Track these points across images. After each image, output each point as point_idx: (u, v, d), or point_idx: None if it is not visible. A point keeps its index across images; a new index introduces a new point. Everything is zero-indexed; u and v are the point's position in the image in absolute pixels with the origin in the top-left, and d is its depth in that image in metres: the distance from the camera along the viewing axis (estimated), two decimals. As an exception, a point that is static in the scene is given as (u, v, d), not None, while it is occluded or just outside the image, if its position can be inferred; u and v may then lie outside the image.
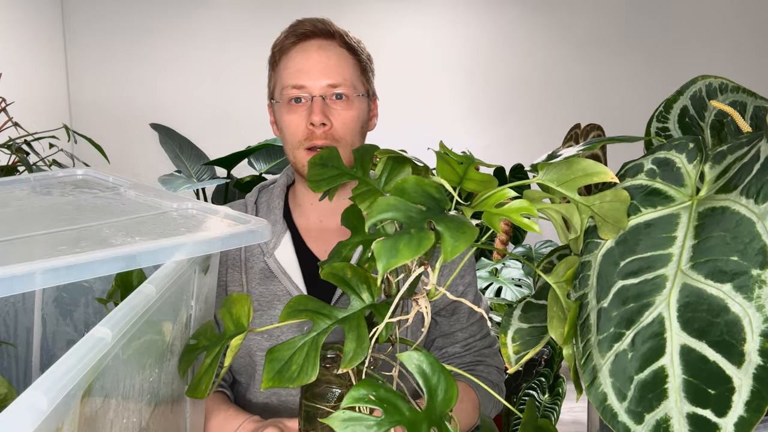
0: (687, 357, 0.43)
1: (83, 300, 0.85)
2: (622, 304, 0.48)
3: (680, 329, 0.44)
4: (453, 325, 1.09)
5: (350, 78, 1.01)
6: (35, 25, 3.41)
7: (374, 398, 0.47)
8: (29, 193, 0.78)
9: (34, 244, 0.57)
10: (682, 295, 0.45)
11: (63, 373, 0.38)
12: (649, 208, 0.52)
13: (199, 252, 0.57)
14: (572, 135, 0.98)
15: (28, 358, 0.86)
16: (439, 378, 0.48)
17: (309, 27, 1.02)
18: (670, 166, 0.54)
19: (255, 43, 3.63)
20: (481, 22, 3.63)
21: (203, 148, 3.28)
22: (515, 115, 3.67)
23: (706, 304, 0.44)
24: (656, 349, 0.44)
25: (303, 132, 1.00)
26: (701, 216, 0.49)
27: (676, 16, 3.55)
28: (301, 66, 1.00)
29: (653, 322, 0.45)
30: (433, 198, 0.48)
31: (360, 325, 0.55)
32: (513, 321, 0.64)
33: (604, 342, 0.47)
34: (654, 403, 0.43)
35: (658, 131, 0.69)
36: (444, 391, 0.48)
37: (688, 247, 0.48)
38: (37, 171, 1.75)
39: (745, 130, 0.61)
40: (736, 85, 0.70)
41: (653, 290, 0.47)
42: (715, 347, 0.42)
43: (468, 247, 1.02)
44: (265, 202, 1.11)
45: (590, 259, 0.52)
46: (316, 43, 1.01)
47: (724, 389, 0.41)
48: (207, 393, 0.60)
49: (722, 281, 0.44)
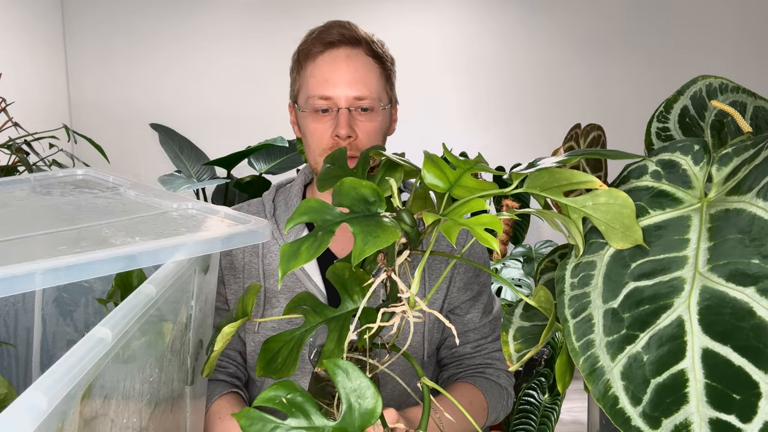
0: (710, 361, 0.42)
1: (83, 300, 0.85)
2: (636, 306, 0.47)
3: (702, 332, 0.43)
4: (466, 324, 1.10)
5: (376, 89, 1.02)
6: (35, 26, 3.41)
7: (285, 401, 0.46)
8: (29, 193, 0.78)
9: (34, 244, 0.57)
10: (703, 298, 0.45)
11: (63, 373, 0.38)
12: (658, 210, 0.52)
13: (199, 252, 0.57)
14: (572, 135, 0.98)
15: (28, 358, 0.86)
16: (360, 389, 0.46)
17: (336, 35, 1.01)
18: (675, 168, 0.54)
19: (255, 43, 3.63)
20: (482, 21, 3.63)
21: (203, 148, 3.28)
22: (516, 115, 3.67)
23: (730, 308, 0.43)
24: (675, 352, 0.43)
25: (328, 141, 1.01)
26: (714, 218, 0.49)
27: (678, 16, 3.55)
28: (328, 76, 1.00)
29: (671, 324, 0.44)
30: (366, 201, 0.48)
31: (344, 327, 0.55)
32: (514, 319, 0.65)
33: (614, 344, 0.46)
34: (673, 408, 0.42)
35: (658, 131, 0.69)
36: (364, 404, 0.45)
37: (703, 249, 0.47)
38: (37, 171, 1.75)
39: (746, 130, 0.61)
40: (736, 85, 0.70)
41: (671, 292, 0.46)
42: (740, 351, 0.41)
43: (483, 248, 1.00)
44: (282, 201, 1.12)
45: (594, 259, 0.52)
46: (343, 53, 1.01)
47: (750, 394, 0.40)
48: (209, 373, 0.62)
49: (745, 284, 0.44)
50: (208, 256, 0.67)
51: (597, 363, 0.46)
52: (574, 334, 0.49)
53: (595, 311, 0.49)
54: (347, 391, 0.45)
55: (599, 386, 0.45)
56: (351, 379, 0.46)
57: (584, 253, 0.53)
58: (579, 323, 0.49)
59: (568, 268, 0.53)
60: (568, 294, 0.51)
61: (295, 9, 3.50)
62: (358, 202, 0.47)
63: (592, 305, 0.49)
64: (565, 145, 0.99)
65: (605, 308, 0.48)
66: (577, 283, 0.52)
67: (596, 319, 0.48)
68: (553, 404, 1.80)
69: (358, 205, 0.47)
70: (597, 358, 0.46)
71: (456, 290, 1.09)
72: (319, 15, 1.39)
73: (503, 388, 1.07)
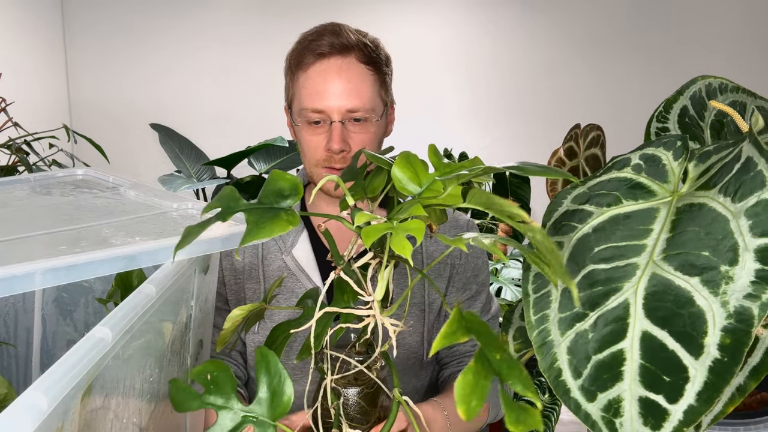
0: (647, 343, 0.44)
1: (83, 300, 0.85)
2: (590, 287, 0.49)
3: (644, 316, 0.45)
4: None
5: (369, 99, 1.01)
6: (35, 26, 3.41)
7: (209, 378, 0.49)
8: (29, 193, 0.78)
9: (34, 244, 0.57)
10: (651, 284, 0.47)
11: (63, 373, 0.38)
12: (631, 201, 0.54)
13: (199, 252, 0.57)
14: (572, 135, 0.98)
15: (28, 358, 0.86)
16: (277, 382, 0.49)
17: (326, 45, 0.99)
18: (656, 162, 0.56)
19: (255, 43, 3.63)
20: (481, 22, 3.63)
21: (203, 148, 3.28)
22: (517, 115, 3.67)
23: (673, 295, 0.45)
24: (618, 332, 0.46)
25: (322, 154, 1.01)
26: (679, 211, 0.51)
27: (679, 15, 3.55)
28: (321, 88, 0.99)
29: (618, 306, 0.47)
30: (280, 194, 0.50)
31: (326, 324, 0.58)
32: (514, 319, 0.65)
33: (565, 320, 0.48)
34: (608, 384, 0.44)
35: (658, 131, 0.69)
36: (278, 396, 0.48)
37: (662, 239, 0.49)
38: (37, 171, 1.75)
39: (745, 130, 0.61)
40: (736, 85, 0.70)
41: (623, 277, 0.48)
42: (676, 337, 0.44)
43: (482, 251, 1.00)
44: None
45: (563, 241, 0.54)
46: (335, 64, 0.99)
47: (678, 378, 0.42)
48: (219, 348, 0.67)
49: (691, 274, 0.46)
50: (208, 256, 0.67)
51: (548, 337, 0.49)
52: (532, 308, 0.51)
53: (554, 289, 0.51)
54: (265, 381, 0.49)
55: (547, 358, 0.47)
56: (271, 371, 0.49)
57: (556, 234, 0.55)
58: (538, 299, 0.51)
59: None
60: (533, 271, 0.53)
61: (295, 9, 3.50)
62: (271, 194, 0.50)
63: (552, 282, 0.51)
64: (564, 145, 0.99)
65: (564, 287, 0.50)
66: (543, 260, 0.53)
67: (554, 296, 0.50)
68: (553, 404, 1.80)
69: (268, 198, 0.50)
70: (549, 332, 0.49)
71: (455, 290, 1.10)
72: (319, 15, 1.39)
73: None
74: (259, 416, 0.49)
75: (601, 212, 0.54)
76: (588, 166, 0.93)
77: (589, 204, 0.55)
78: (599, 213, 0.54)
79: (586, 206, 0.55)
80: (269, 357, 0.49)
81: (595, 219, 0.54)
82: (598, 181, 0.57)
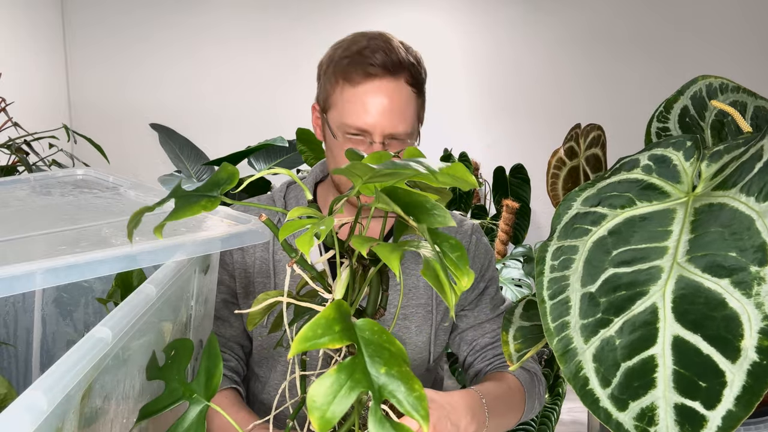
0: (680, 348, 0.43)
1: (83, 300, 0.85)
2: (612, 291, 0.48)
3: (674, 320, 0.44)
4: (478, 316, 1.11)
5: (411, 123, 1.01)
6: (35, 25, 3.41)
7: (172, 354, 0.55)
8: (29, 193, 0.78)
9: (34, 244, 0.57)
10: (678, 287, 0.45)
11: (63, 373, 0.38)
12: (645, 202, 0.53)
13: (199, 252, 0.57)
14: (572, 135, 0.98)
15: (28, 358, 0.86)
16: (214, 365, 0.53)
17: (380, 60, 0.97)
18: (666, 162, 0.55)
19: (255, 43, 3.63)
20: (483, 21, 3.63)
21: (203, 148, 3.28)
22: (520, 113, 3.67)
23: (704, 298, 0.44)
24: (647, 337, 0.44)
25: None
26: (698, 212, 0.50)
27: (680, 14, 3.55)
28: (369, 108, 0.97)
29: (645, 311, 0.46)
30: (216, 183, 0.53)
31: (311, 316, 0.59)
32: (514, 319, 0.65)
33: (588, 326, 0.47)
34: (640, 392, 0.43)
35: (658, 131, 0.69)
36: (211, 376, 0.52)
37: (684, 241, 0.48)
38: (37, 171, 1.75)
39: (746, 130, 0.61)
40: (737, 85, 0.70)
41: (647, 280, 0.47)
42: (710, 341, 0.42)
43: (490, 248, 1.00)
44: (294, 198, 1.12)
45: (577, 244, 0.53)
46: (387, 86, 0.97)
47: (716, 383, 0.41)
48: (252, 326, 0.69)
49: (720, 276, 0.44)
50: (208, 256, 0.67)
51: (570, 344, 0.47)
52: (549, 315, 0.50)
53: (572, 294, 0.50)
54: (205, 363, 0.53)
55: (571, 366, 0.46)
56: (211, 354, 0.53)
57: (567, 237, 0.54)
58: (556, 305, 0.50)
59: (549, 250, 0.54)
60: (547, 276, 0.52)
61: (295, 9, 3.49)
62: (210, 184, 0.53)
63: (570, 288, 0.50)
64: (565, 145, 0.99)
65: (583, 292, 0.49)
66: (557, 266, 0.53)
67: (573, 302, 0.49)
68: (553, 404, 1.80)
69: (207, 187, 0.53)
70: (571, 339, 0.47)
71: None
72: (318, 16, 1.39)
73: (533, 374, 1.07)
74: (195, 395, 0.52)
75: (615, 214, 0.53)
76: (588, 165, 0.93)
77: (602, 206, 0.54)
78: (613, 215, 0.53)
79: (599, 208, 0.54)
80: (212, 341, 0.54)
81: (609, 221, 0.53)
82: (608, 182, 0.56)
